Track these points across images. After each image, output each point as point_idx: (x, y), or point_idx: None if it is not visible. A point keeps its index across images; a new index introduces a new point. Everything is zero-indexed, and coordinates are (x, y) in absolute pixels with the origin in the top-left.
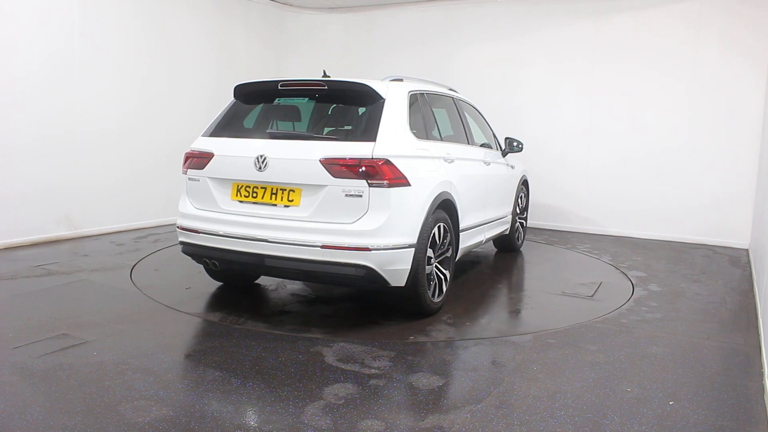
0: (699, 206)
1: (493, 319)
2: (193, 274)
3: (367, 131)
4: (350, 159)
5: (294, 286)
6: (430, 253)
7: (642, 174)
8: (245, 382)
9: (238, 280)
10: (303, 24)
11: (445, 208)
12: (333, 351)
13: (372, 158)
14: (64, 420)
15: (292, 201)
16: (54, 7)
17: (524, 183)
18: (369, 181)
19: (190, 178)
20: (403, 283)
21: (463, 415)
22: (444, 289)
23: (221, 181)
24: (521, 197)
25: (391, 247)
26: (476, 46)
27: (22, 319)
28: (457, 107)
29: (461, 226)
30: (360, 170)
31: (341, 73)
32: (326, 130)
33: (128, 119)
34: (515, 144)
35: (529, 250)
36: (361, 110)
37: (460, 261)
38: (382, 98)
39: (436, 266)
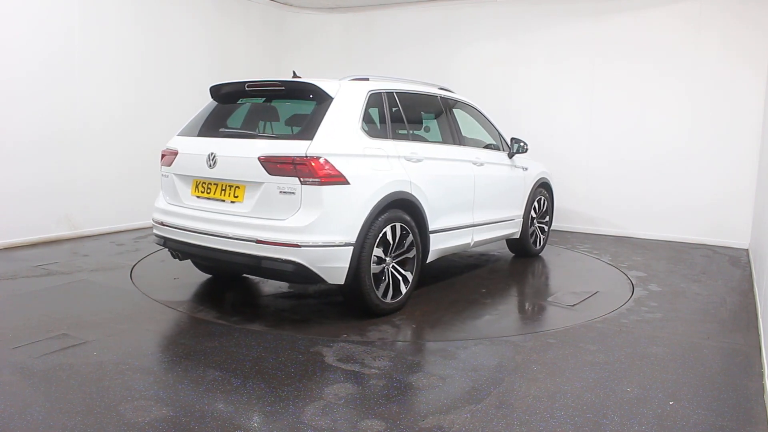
0: (699, 206)
1: (442, 324)
2: (189, 270)
3: (307, 130)
4: (284, 157)
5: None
6: (379, 252)
7: (642, 174)
8: (245, 382)
9: (224, 273)
10: (303, 24)
11: (404, 208)
12: (333, 351)
13: (305, 156)
14: (64, 420)
15: (237, 197)
16: (54, 7)
17: (543, 185)
18: (301, 179)
19: (162, 174)
20: (342, 282)
21: (463, 415)
22: (403, 290)
23: (184, 177)
24: (540, 200)
25: (323, 244)
26: (476, 46)
27: (22, 319)
28: (444, 108)
29: (432, 227)
30: (293, 168)
31: (341, 73)
32: (275, 128)
33: (128, 119)
34: (521, 144)
35: None
36: (310, 109)
37: (455, 263)
38: (331, 97)
39: (393, 267)
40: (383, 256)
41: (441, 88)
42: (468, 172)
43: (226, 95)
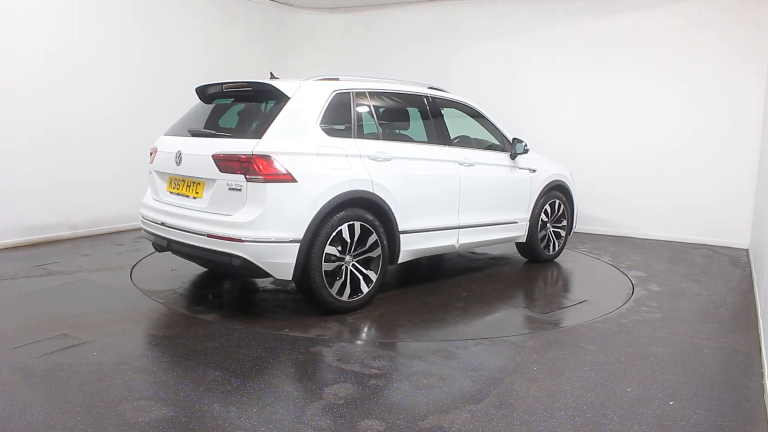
0: (699, 206)
1: (395, 326)
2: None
3: (258, 129)
4: (232, 155)
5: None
6: (333, 250)
7: (642, 174)
8: (245, 382)
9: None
10: (303, 24)
11: (365, 207)
12: (333, 351)
13: (251, 154)
14: (64, 420)
15: (197, 193)
16: (54, 8)
17: (557, 188)
18: (247, 176)
19: (149, 171)
20: (290, 277)
21: (463, 415)
22: (365, 289)
23: (161, 174)
24: (554, 204)
25: (267, 240)
26: (476, 46)
27: (22, 319)
28: (429, 107)
29: (403, 227)
30: (240, 165)
31: (341, 73)
32: (236, 127)
33: (128, 119)
34: (522, 144)
35: None
36: (268, 109)
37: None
38: (287, 97)
39: (353, 265)
40: (339, 254)
41: (431, 88)
42: (451, 173)
43: (208, 96)
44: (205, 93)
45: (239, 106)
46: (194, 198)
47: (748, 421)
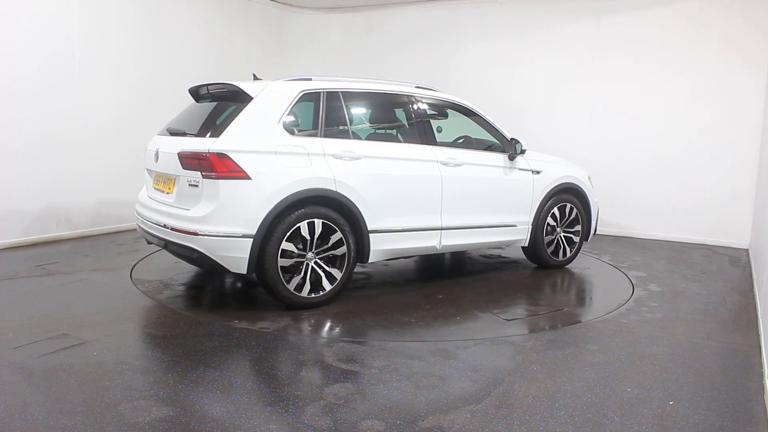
0: (699, 206)
1: (350, 324)
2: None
3: (219, 128)
4: (191, 152)
5: None
6: (290, 246)
7: (642, 173)
8: (245, 382)
9: None
10: (303, 24)
11: (328, 205)
12: (333, 351)
13: (207, 152)
14: (64, 420)
15: (169, 189)
16: (55, 9)
17: (568, 191)
18: (203, 173)
19: (143, 169)
20: (244, 271)
21: (463, 415)
22: (327, 287)
23: (150, 171)
24: (565, 207)
25: (219, 234)
26: (476, 45)
27: (22, 319)
28: (411, 107)
29: (374, 227)
30: (198, 163)
31: (340, 73)
32: (208, 127)
33: (128, 119)
34: (519, 144)
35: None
36: (233, 109)
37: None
38: (251, 98)
39: (315, 262)
40: (298, 251)
41: (419, 87)
42: (432, 173)
43: (199, 96)
44: (197, 93)
45: (215, 106)
46: (167, 193)
47: (748, 421)
